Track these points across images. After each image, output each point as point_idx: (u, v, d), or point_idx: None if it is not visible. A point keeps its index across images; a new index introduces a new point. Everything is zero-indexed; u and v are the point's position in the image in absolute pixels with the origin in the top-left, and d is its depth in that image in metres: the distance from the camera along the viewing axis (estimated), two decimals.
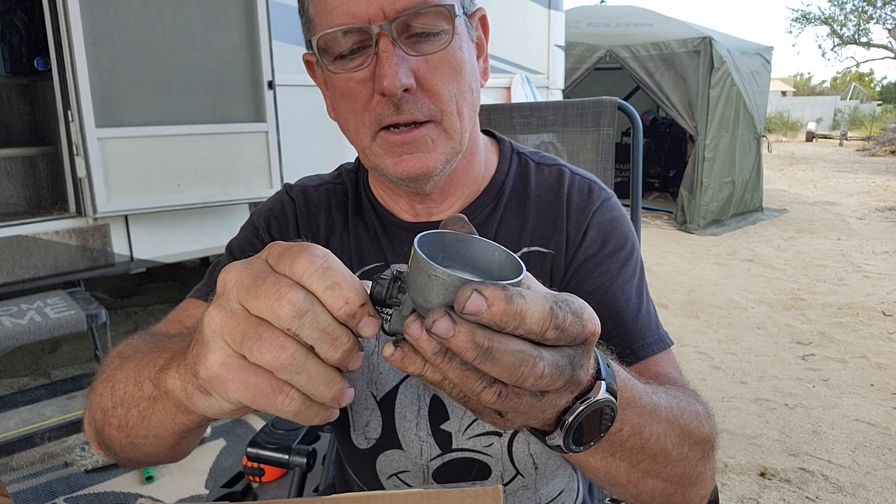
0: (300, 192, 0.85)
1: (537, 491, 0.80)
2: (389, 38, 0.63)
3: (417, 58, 0.65)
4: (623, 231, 0.78)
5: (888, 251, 5.85)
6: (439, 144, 0.69)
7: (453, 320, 0.36)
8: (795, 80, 38.86)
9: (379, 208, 0.81)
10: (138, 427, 0.56)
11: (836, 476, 2.31)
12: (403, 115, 0.66)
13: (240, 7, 2.61)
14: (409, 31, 0.64)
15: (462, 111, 0.69)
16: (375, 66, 0.64)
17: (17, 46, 3.26)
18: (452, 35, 0.66)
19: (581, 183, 0.81)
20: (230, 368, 0.41)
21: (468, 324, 0.36)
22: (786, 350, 3.57)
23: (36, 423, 2.37)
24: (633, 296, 0.74)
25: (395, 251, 0.79)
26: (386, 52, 0.63)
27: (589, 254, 0.75)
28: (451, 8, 0.66)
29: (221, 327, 0.41)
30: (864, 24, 23.34)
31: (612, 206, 0.80)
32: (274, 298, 0.38)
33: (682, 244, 6.18)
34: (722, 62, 6.42)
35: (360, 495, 0.53)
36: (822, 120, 22.90)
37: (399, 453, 0.79)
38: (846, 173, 11.83)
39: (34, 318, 2.38)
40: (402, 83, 0.63)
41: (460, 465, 0.77)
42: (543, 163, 0.84)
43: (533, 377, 0.38)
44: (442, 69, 0.66)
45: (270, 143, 2.75)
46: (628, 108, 1.31)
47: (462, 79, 0.68)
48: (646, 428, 0.54)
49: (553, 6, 4.39)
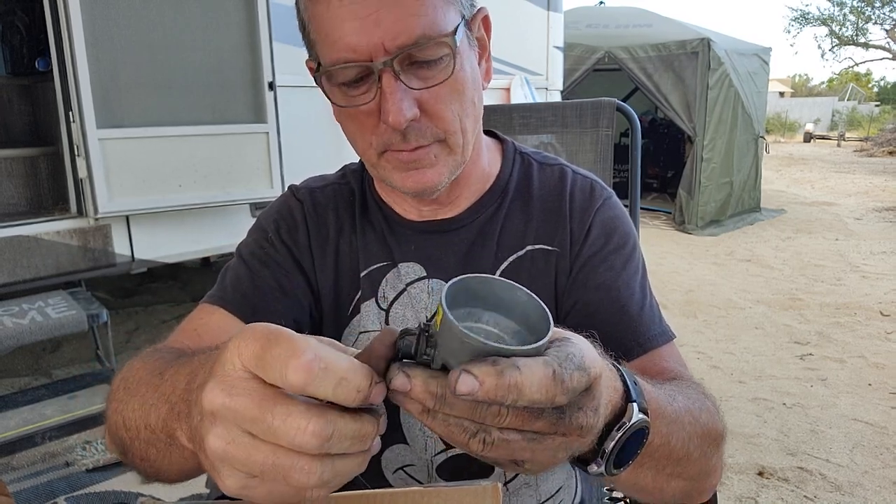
0: (307, 194, 0.85)
1: (538, 488, 0.81)
2: (392, 74, 0.63)
3: (420, 89, 0.65)
4: (625, 229, 0.80)
5: (886, 251, 5.86)
6: (441, 160, 0.70)
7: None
8: (793, 80, 38.91)
9: (385, 209, 0.82)
10: (160, 462, 0.55)
11: (834, 475, 2.32)
12: (409, 142, 0.67)
13: (240, 8, 2.62)
14: (410, 60, 0.64)
15: (465, 128, 0.70)
16: (379, 100, 0.65)
17: (17, 47, 3.27)
18: (454, 58, 0.66)
19: (583, 182, 0.82)
20: (249, 489, 0.39)
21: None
22: (784, 350, 3.58)
23: (37, 422, 2.38)
24: (637, 290, 0.76)
25: (402, 250, 0.80)
26: (389, 87, 0.63)
27: (593, 251, 0.77)
28: (452, 38, 0.65)
29: (231, 459, 0.38)
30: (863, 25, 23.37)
31: (613, 204, 0.82)
32: (294, 432, 0.36)
33: (680, 244, 6.19)
34: (720, 63, 6.44)
35: (359, 493, 0.53)
36: (819, 121, 22.91)
37: (404, 448, 0.80)
38: (844, 174, 11.85)
39: (35, 318, 2.39)
40: (407, 118, 0.64)
41: (464, 460, 0.78)
42: (546, 162, 0.85)
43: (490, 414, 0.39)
44: (444, 95, 0.66)
45: (271, 144, 2.76)
46: (627, 109, 1.32)
47: (465, 98, 0.69)
48: (673, 436, 0.56)
49: (552, 7, 4.40)
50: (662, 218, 7.39)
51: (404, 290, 0.79)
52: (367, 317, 0.79)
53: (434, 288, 0.79)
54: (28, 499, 2.11)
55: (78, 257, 2.56)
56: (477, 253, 0.79)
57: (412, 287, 0.79)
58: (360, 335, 0.80)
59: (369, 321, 0.79)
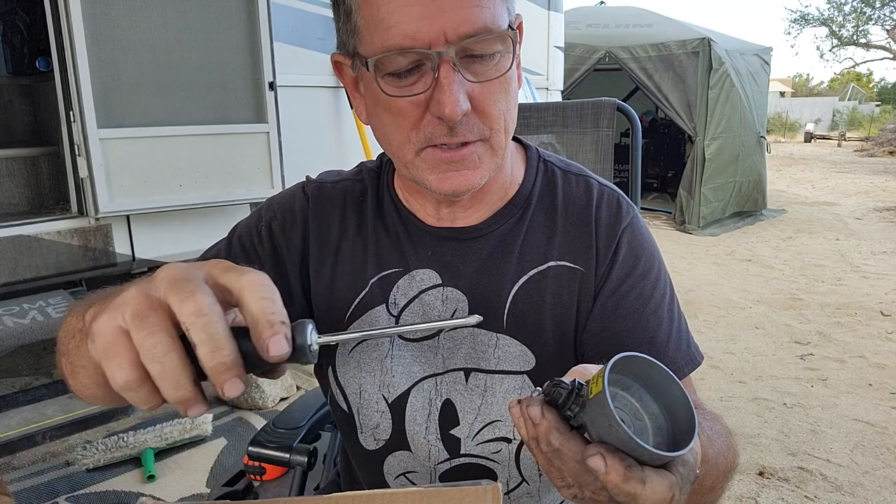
0: (316, 190, 0.83)
1: (540, 499, 0.81)
2: (451, 64, 0.61)
3: (475, 82, 0.64)
4: (651, 250, 0.78)
5: (886, 251, 5.86)
6: (485, 161, 0.68)
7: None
8: (794, 80, 38.88)
9: (402, 210, 0.79)
10: (75, 356, 0.59)
11: (835, 475, 2.32)
12: (457, 136, 0.65)
13: (241, 8, 2.62)
14: (467, 53, 0.63)
15: (508, 128, 0.69)
16: (434, 90, 0.63)
17: (18, 47, 3.26)
18: (511, 55, 0.65)
19: (610, 197, 0.79)
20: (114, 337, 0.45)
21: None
22: (784, 350, 3.58)
23: (37, 422, 2.38)
24: (665, 317, 0.75)
25: (418, 256, 0.78)
26: (447, 78, 0.61)
27: (621, 275, 0.75)
28: (514, 34, 0.64)
29: (132, 301, 0.44)
30: (863, 25, 23.35)
31: (639, 223, 0.79)
32: (149, 349, 0.43)
33: (680, 244, 6.19)
34: (721, 63, 6.44)
35: (359, 494, 0.53)
36: (820, 121, 22.90)
37: (407, 454, 0.79)
38: (845, 174, 11.84)
39: (36, 318, 2.39)
40: (462, 110, 0.62)
41: (467, 470, 0.77)
42: (570, 171, 0.82)
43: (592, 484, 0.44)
44: (496, 91, 0.65)
45: (272, 144, 2.76)
46: (627, 109, 1.32)
47: (511, 97, 0.68)
48: (707, 477, 0.57)
49: (552, 7, 4.40)
50: (663, 218, 7.39)
51: (416, 297, 0.77)
52: (375, 322, 0.78)
53: (449, 297, 0.76)
54: (28, 498, 2.11)
55: (79, 257, 2.56)
56: (496, 264, 0.76)
57: (426, 294, 0.77)
58: (361, 343, 0.79)
59: (379, 327, 0.78)
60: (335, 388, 0.81)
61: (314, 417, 1.16)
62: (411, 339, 0.78)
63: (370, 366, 0.78)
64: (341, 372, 0.80)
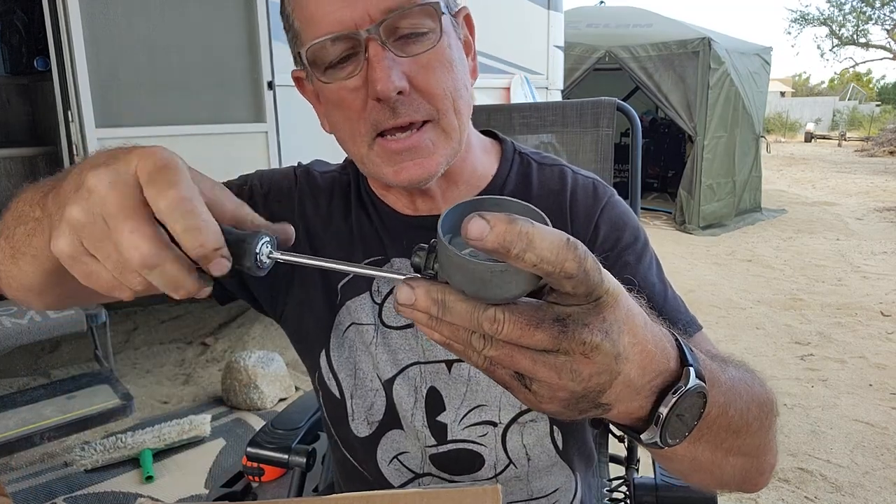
0: (305, 175, 0.85)
1: (529, 483, 0.81)
2: (378, 42, 0.63)
3: (408, 59, 0.65)
4: (634, 224, 0.79)
5: (886, 251, 5.86)
6: (440, 146, 0.69)
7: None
8: (794, 80, 38.90)
9: (378, 203, 0.81)
10: (22, 243, 0.56)
11: (835, 476, 2.32)
12: (400, 117, 0.65)
13: (240, 8, 2.62)
14: (397, 34, 0.64)
15: (459, 109, 0.69)
16: (367, 72, 0.64)
17: (16, 46, 3.27)
18: (441, 33, 0.66)
19: (584, 182, 0.81)
20: (74, 260, 0.43)
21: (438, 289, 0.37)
22: (784, 350, 3.57)
23: (35, 422, 2.37)
24: (657, 282, 0.75)
25: (395, 246, 0.79)
26: (376, 56, 0.63)
27: (605, 249, 0.76)
28: (437, 5, 0.65)
29: (80, 230, 0.41)
30: (863, 25, 23.37)
31: (617, 202, 0.81)
32: (128, 247, 0.40)
33: (680, 244, 6.19)
34: (721, 63, 6.43)
35: (359, 495, 0.53)
36: (820, 120, 22.90)
37: (400, 434, 0.80)
38: (845, 174, 11.84)
39: (34, 318, 2.38)
40: (396, 85, 0.63)
41: (455, 455, 0.78)
42: (545, 163, 0.83)
43: (487, 322, 0.36)
44: (434, 68, 0.66)
45: (270, 144, 2.76)
46: (627, 109, 1.31)
47: (455, 76, 0.68)
48: (730, 406, 0.53)
49: (552, 7, 4.39)
50: (663, 218, 7.39)
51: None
52: (361, 310, 0.79)
53: None
54: (27, 499, 2.10)
55: None
56: None
57: None
58: (351, 326, 0.80)
59: (364, 314, 0.79)
60: (328, 373, 0.82)
61: (313, 418, 1.16)
62: (393, 327, 0.79)
63: (361, 349, 0.80)
64: (335, 356, 0.81)
